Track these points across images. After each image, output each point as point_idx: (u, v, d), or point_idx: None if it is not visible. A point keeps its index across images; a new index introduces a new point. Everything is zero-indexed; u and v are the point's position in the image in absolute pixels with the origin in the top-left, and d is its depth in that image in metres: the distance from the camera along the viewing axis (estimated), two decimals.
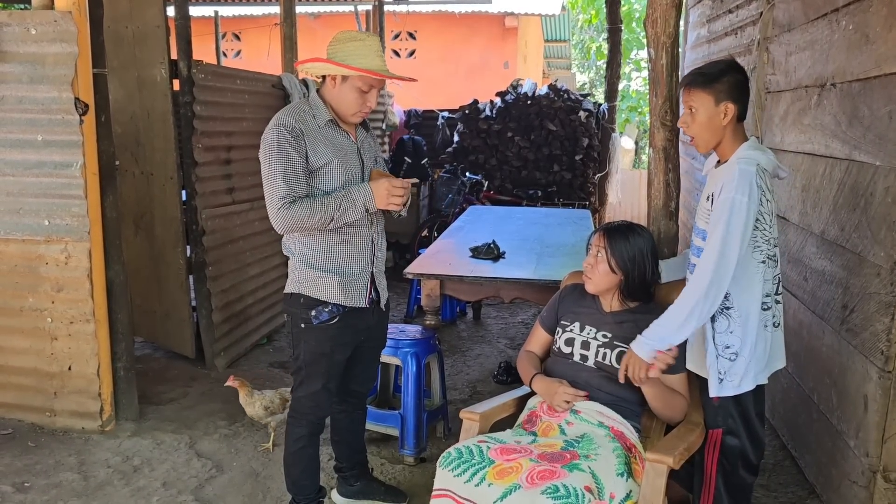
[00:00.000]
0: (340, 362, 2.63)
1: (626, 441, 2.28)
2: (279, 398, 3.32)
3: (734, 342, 2.23)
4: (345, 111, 2.49)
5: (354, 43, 2.41)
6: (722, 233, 2.11)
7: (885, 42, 2.52)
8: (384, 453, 3.42)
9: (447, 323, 5.61)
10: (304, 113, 2.48)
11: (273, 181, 2.40)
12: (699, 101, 2.24)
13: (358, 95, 2.45)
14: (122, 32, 4.20)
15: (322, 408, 2.66)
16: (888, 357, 2.42)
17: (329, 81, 2.47)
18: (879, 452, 2.49)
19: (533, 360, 2.56)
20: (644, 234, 2.45)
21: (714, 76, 2.23)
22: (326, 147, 2.46)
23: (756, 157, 2.20)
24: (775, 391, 3.57)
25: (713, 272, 2.11)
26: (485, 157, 8.13)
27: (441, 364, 3.63)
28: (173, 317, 4.48)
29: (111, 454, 3.32)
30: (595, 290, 2.45)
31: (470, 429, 2.39)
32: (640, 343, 2.24)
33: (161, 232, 4.37)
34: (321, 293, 2.51)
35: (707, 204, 2.28)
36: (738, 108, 2.23)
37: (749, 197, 2.11)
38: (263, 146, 2.43)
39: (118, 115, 4.33)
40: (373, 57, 2.41)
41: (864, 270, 2.60)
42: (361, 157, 2.57)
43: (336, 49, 2.42)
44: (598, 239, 2.44)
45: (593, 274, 2.42)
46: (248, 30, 12.78)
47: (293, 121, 2.43)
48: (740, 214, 2.10)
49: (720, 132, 2.25)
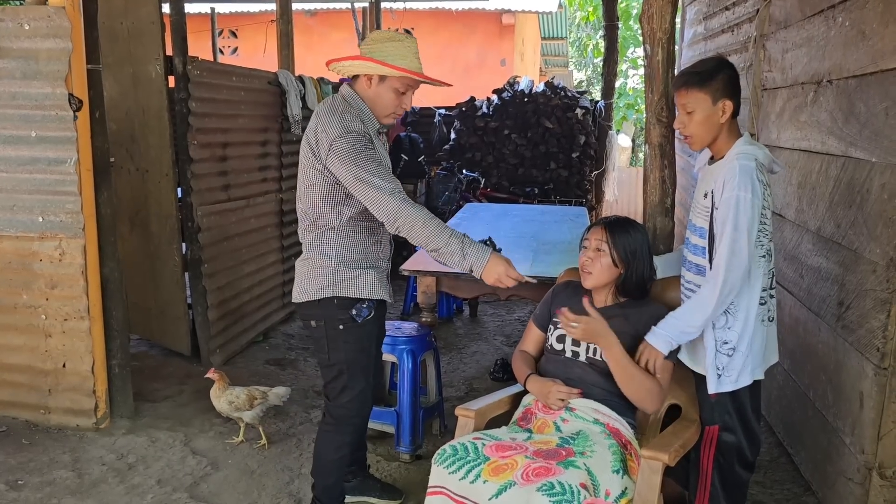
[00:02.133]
0: (373, 356, 2.65)
1: (621, 437, 2.28)
2: (245, 395, 3.32)
3: (732, 338, 2.23)
4: (380, 111, 2.46)
5: (394, 43, 2.38)
6: (731, 231, 2.11)
7: (881, 38, 2.51)
8: (380, 450, 3.42)
9: (444, 320, 5.60)
10: (358, 116, 2.41)
11: (371, 182, 2.30)
12: (696, 102, 2.22)
13: (395, 96, 2.42)
14: (117, 29, 4.18)
15: (368, 406, 2.68)
16: (884, 354, 2.42)
17: (364, 81, 2.43)
18: (875, 449, 2.49)
19: (527, 360, 2.55)
20: (642, 229, 2.46)
21: (709, 74, 2.22)
22: (383, 156, 2.47)
23: (754, 153, 2.20)
24: (771, 388, 3.57)
25: (726, 271, 2.12)
26: (482, 154, 8.12)
27: (437, 361, 3.63)
28: (169, 314, 4.47)
29: (106, 452, 3.31)
30: (594, 285, 2.42)
31: (465, 426, 2.38)
32: (658, 335, 2.25)
33: (156, 229, 4.35)
34: (361, 291, 2.51)
35: (705, 201, 2.27)
36: (734, 105, 2.23)
37: (753, 192, 2.11)
38: (342, 154, 2.32)
39: (113, 112, 4.31)
40: (412, 58, 2.39)
41: (860, 267, 2.60)
42: (391, 158, 2.59)
43: (375, 48, 2.39)
44: (600, 233, 2.40)
45: (593, 268, 2.39)
46: (245, 27, 12.76)
47: (361, 125, 2.38)
48: (746, 211, 2.10)
49: (717, 130, 2.25)
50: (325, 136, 2.35)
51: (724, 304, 2.18)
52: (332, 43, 11.61)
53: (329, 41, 11.84)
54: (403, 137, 7.39)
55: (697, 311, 2.21)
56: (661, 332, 2.25)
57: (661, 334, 2.25)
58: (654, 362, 2.26)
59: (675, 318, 2.26)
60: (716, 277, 2.15)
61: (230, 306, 4.62)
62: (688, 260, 2.35)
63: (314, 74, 5.88)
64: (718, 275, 2.14)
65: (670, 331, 2.24)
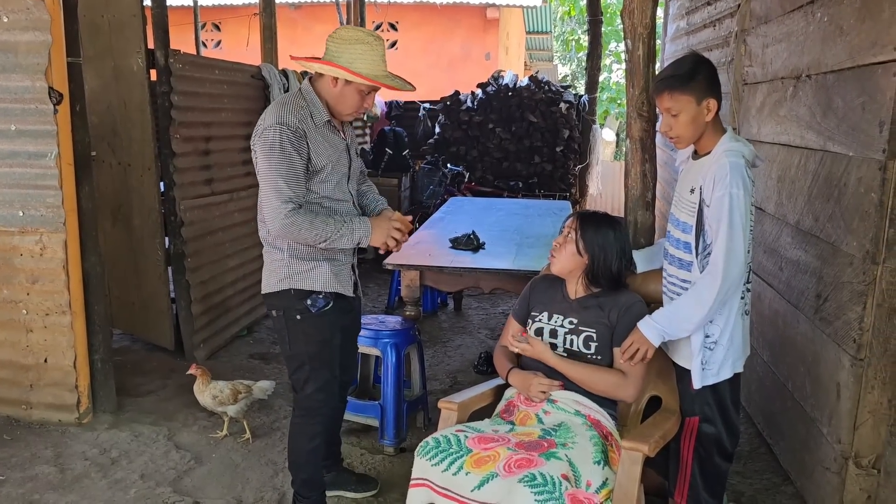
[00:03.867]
0: (338, 347, 2.64)
1: (602, 429, 2.30)
2: (230, 389, 3.33)
3: (714, 331, 2.26)
4: (342, 110, 2.49)
5: (361, 46, 2.37)
6: (726, 229, 2.12)
7: (858, 34, 2.54)
8: (364, 443, 3.43)
9: (428, 314, 5.61)
10: (304, 110, 2.43)
11: (275, 182, 2.35)
12: (681, 104, 2.21)
13: (359, 98, 2.45)
14: (98, 21, 4.15)
15: (335, 396, 2.69)
16: (860, 345, 2.46)
17: (329, 80, 2.43)
18: (851, 439, 2.53)
19: (508, 354, 2.58)
20: (618, 227, 2.47)
21: (689, 75, 2.20)
22: (325, 149, 2.46)
23: (741, 150, 2.21)
24: (751, 379, 3.62)
25: (724, 268, 2.13)
26: (466, 148, 8.14)
27: (421, 354, 3.64)
28: (152, 308, 4.45)
29: (88, 447, 3.30)
30: (559, 270, 2.47)
31: (448, 418, 2.40)
32: (650, 326, 2.27)
33: (139, 223, 4.33)
34: (314, 283, 2.51)
35: (691, 196, 2.28)
36: (717, 101, 2.23)
37: (744, 189, 2.13)
38: (264, 144, 2.36)
39: (94, 105, 4.27)
40: (379, 62, 2.40)
41: (838, 260, 2.64)
42: (349, 155, 2.59)
43: (341, 50, 2.38)
44: (571, 222, 2.49)
45: (559, 253, 2.46)
46: (229, 19, 12.67)
47: (296, 121, 2.38)
48: (740, 208, 2.12)
49: (703, 128, 2.25)
50: (260, 125, 2.40)
51: (723, 302, 2.19)
52: (316, 36, 11.54)
53: (313, 34, 11.78)
54: (388, 131, 7.39)
55: (695, 307, 2.20)
56: (655, 324, 2.26)
57: (655, 326, 2.26)
58: (645, 352, 2.27)
59: (670, 311, 2.27)
60: (714, 275, 2.15)
61: (214, 300, 4.60)
62: (670, 254, 2.37)
63: (297, 68, 5.85)
64: (717, 272, 2.14)
65: (665, 324, 2.25)
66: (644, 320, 2.29)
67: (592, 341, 2.39)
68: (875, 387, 2.47)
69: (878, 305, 2.41)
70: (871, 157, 2.40)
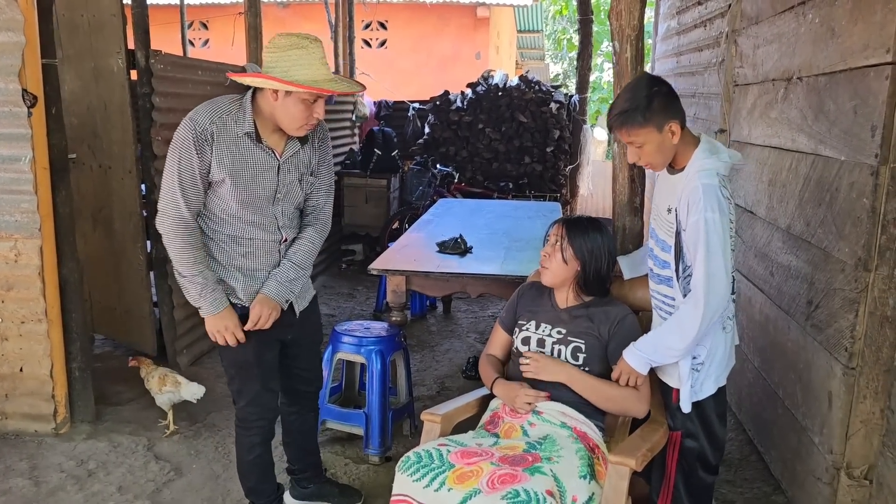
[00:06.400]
0: (271, 360, 2.53)
1: (589, 441, 2.24)
2: (159, 376, 3.42)
3: (700, 353, 2.21)
4: (289, 125, 2.27)
5: (297, 51, 2.17)
6: (703, 255, 2.04)
7: (850, 36, 2.49)
8: (349, 453, 3.36)
9: (417, 317, 5.55)
10: (227, 115, 2.27)
11: (170, 181, 2.25)
12: (642, 137, 2.12)
13: (304, 108, 2.22)
14: (77, 20, 4.06)
15: (269, 409, 2.57)
16: (852, 354, 2.41)
17: (269, 93, 2.23)
18: (843, 449, 2.48)
19: (494, 363, 2.52)
20: (604, 230, 2.42)
21: (644, 106, 2.09)
22: (236, 162, 2.27)
23: (714, 167, 2.12)
24: (741, 385, 3.57)
25: (706, 295, 2.05)
26: (456, 148, 8.06)
27: (407, 361, 3.57)
28: (134, 313, 4.36)
29: (65, 458, 3.22)
30: (551, 281, 2.41)
31: (431, 430, 2.34)
32: (636, 356, 2.21)
33: (120, 227, 4.24)
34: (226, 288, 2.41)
35: (668, 216, 2.21)
36: (680, 121, 2.14)
37: (719, 211, 2.05)
38: (174, 137, 2.26)
39: (74, 106, 4.20)
40: (317, 66, 2.20)
41: (829, 266, 2.58)
42: (279, 176, 2.36)
43: (276, 58, 2.19)
44: (558, 229, 2.42)
45: (550, 264, 2.40)
46: (216, 18, 12.56)
47: (208, 122, 2.24)
48: (717, 231, 2.04)
49: (673, 150, 2.17)
50: None
51: (708, 328, 2.11)
52: None
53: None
54: (376, 132, 7.31)
55: (678, 335, 2.13)
56: (639, 353, 2.21)
57: (640, 356, 2.21)
58: (635, 381, 2.24)
59: (655, 339, 2.20)
60: (696, 302, 2.07)
61: None
62: (654, 271, 2.31)
63: None
64: (699, 300, 2.06)
65: (650, 352, 2.20)
66: (629, 349, 2.23)
67: (581, 352, 2.33)
68: (867, 396, 2.42)
69: (871, 313, 2.36)
70: (863, 162, 2.35)
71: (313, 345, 2.77)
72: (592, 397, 2.29)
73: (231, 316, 2.36)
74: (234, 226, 2.38)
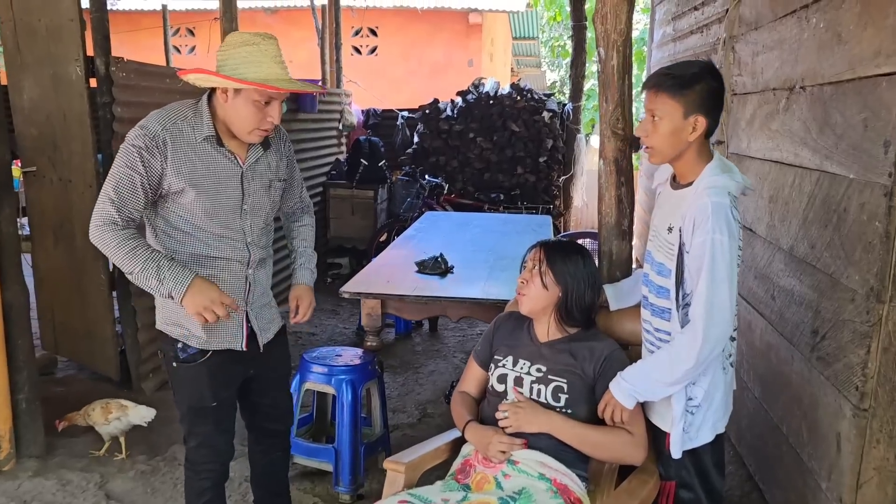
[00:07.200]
0: (228, 399, 2.30)
1: (570, 495, 1.99)
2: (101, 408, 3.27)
3: (697, 393, 1.96)
4: (240, 129, 2.08)
5: (247, 48, 2.00)
6: (707, 282, 1.81)
7: (858, 42, 2.26)
8: (318, 490, 3.12)
9: (402, 336, 5.31)
10: (182, 121, 2.08)
11: (108, 186, 2.03)
12: (665, 109, 1.90)
13: (256, 110, 2.04)
14: (34, 25, 3.84)
15: (222, 452, 2.33)
16: (864, 393, 2.16)
17: (220, 94, 2.06)
18: (854, 499, 2.24)
19: (467, 403, 2.27)
20: (587, 255, 2.20)
21: (686, 82, 1.88)
22: (196, 169, 2.08)
23: (726, 185, 1.89)
24: (741, 416, 3.32)
25: (706, 327, 1.82)
26: (446, 158, 7.84)
27: (382, 390, 3.32)
28: (96, 335, 4.12)
29: (6, 499, 2.96)
30: (530, 309, 2.18)
31: (394, 481, 2.09)
32: (622, 389, 1.98)
33: (81, 243, 3.99)
34: (182, 333, 2.17)
35: (669, 236, 1.96)
36: (708, 123, 1.91)
37: (729, 234, 1.82)
38: (122, 146, 2.06)
39: (34, 115, 3.98)
40: (269, 64, 2.01)
41: (837, 294, 2.34)
42: (243, 184, 2.17)
43: (226, 56, 2.02)
44: (536, 253, 2.20)
45: (528, 290, 2.17)
46: (203, 24, 12.33)
47: (160, 128, 2.04)
48: (724, 255, 1.81)
49: (683, 146, 1.93)
50: None
51: (706, 364, 1.88)
52: (292, 41, 11.23)
53: (290, 39, 11.45)
54: (362, 141, 7.08)
55: (670, 369, 1.90)
56: (626, 385, 1.97)
57: (626, 388, 1.97)
58: (621, 415, 2.00)
59: (642, 371, 1.97)
60: (694, 334, 1.84)
61: None
62: (649, 301, 2.07)
63: None
64: (697, 332, 1.83)
65: (636, 384, 1.96)
66: (615, 380, 2.00)
67: (562, 392, 2.09)
68: (881, 440, 2.18)
69: (885, 350, 2.11)
70: (875, 181, 2.11)
71: (281, 379, 2.54)
72: (581, 446, 2.05)
73: (208, 286, 2.05)
74: (200, 240, 2.15)
